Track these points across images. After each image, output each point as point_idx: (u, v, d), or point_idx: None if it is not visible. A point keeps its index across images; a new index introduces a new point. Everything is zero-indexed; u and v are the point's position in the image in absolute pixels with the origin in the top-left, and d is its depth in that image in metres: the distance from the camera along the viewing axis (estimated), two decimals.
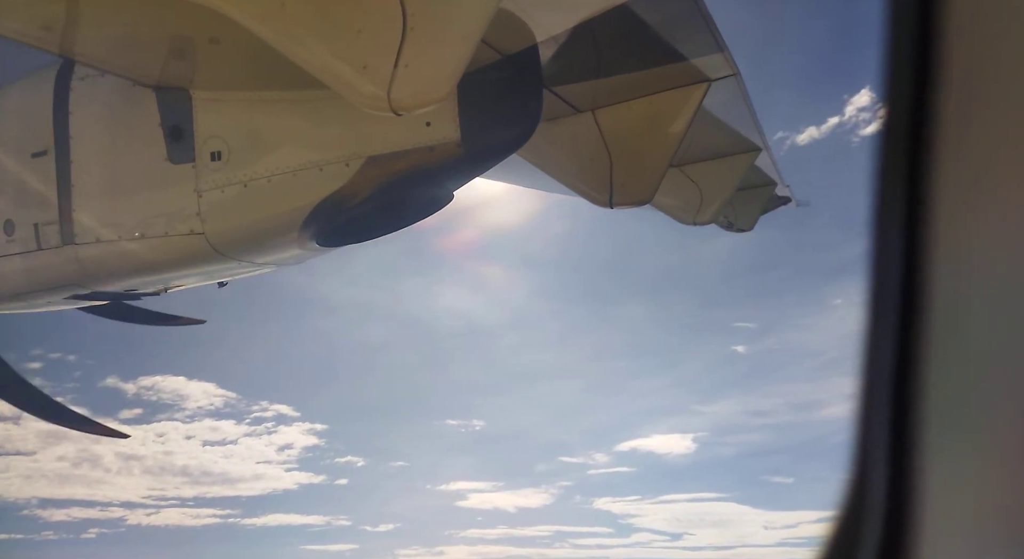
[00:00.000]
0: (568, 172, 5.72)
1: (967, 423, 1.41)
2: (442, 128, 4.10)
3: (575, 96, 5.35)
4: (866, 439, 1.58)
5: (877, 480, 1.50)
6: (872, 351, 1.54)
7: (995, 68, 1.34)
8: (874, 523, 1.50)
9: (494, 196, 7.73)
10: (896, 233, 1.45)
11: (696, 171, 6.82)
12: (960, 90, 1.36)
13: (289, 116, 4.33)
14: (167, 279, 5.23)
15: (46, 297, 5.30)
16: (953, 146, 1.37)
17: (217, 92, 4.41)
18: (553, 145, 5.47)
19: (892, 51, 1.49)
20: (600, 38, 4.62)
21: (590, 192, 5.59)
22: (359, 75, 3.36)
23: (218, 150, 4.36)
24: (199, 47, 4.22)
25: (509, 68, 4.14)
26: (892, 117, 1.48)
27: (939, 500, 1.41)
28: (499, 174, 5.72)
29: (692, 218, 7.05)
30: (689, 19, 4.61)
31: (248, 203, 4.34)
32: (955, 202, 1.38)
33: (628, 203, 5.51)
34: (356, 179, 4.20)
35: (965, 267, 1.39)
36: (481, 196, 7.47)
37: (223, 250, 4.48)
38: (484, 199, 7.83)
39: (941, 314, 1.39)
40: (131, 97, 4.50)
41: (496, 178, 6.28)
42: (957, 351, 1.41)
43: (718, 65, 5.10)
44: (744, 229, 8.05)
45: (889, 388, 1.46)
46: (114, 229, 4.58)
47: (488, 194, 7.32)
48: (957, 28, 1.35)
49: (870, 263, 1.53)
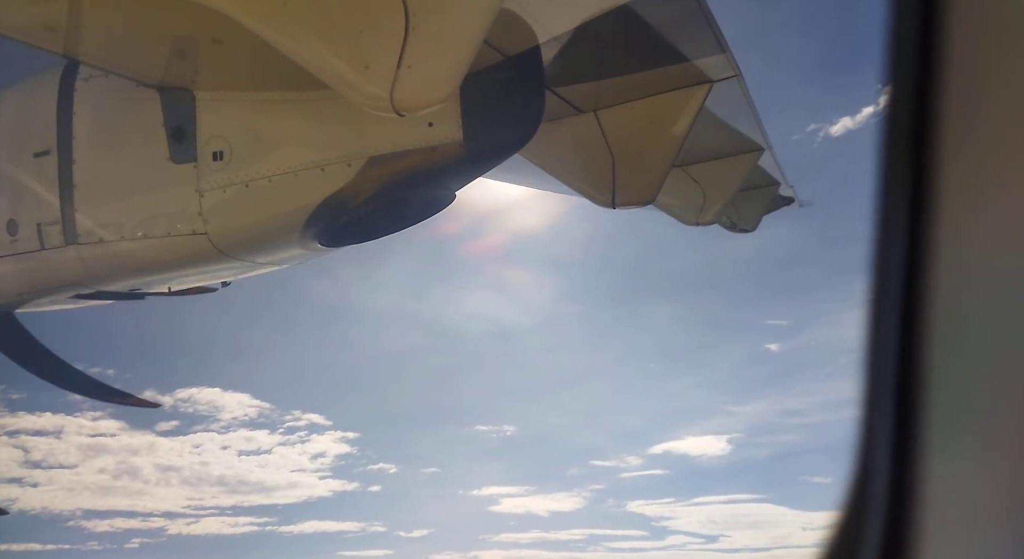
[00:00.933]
0: (570, 172, 5.72)
1: (970, 423, 1.41)
2: (444, 128, 4.10)
3: (577, 96, 5.35)
4: (868, 439, 1.58)
5: (879, 480, 1.50)
6: (875, 351, 1.54)
7: (998, 67, 1.34)
8: (876, 523, 1.50)
9: (517, 200, 7.73)
10: (898, 233, 1.44)
11: (699, 171, 6.82)
12: (963, 89, 1.36)
13: (291, 116, 4.33)
14: (170, 278, 5.24)
15: (49, 297, 5.32)
16: (956, 145, 1.37)
17: (220, 92, 4.41)
18: (555, 145, 5.47)
19: (894, 49, 1.49)
20: (602, 39, 4.62)
21: (592, 192, 5.59)
22: (361, 75, 3.36)
23: (220, 150, 4.36)
24: (202, 48, 4.23)
25: (511, 69, 4.15)
26: (895, 115, 1.48)
27: (941, 500, 1.40)
28: (501, 174, 5.73)
29: (695, 218, 7.05)
30: (691, 20, 4.61)
31: (250, 203, 4.35)
32: (958, 201, 1.38)
33: (630, 203, 5.51)
34: (358, 179, 4.20)
35: (968, 267, 1.39)
36: (504, 199, 7.47)
37: (225, 250, 4.49)
38: (507, 202, 7.83)
39: (944, 314, 1.39)
40: (134, 97, 4.52)
41: (498, 178, 6.29)
42: (960, 351, 1.41)
43: (720, 66, 5.09)
44: (747, 229, 8.04)
45: (891, 388, 1.46)
46: (117, 229, 4.59)
47: (511, 197, 7.32)
48: (960, 26, 1.35)
49: (872, 263, 1.53)
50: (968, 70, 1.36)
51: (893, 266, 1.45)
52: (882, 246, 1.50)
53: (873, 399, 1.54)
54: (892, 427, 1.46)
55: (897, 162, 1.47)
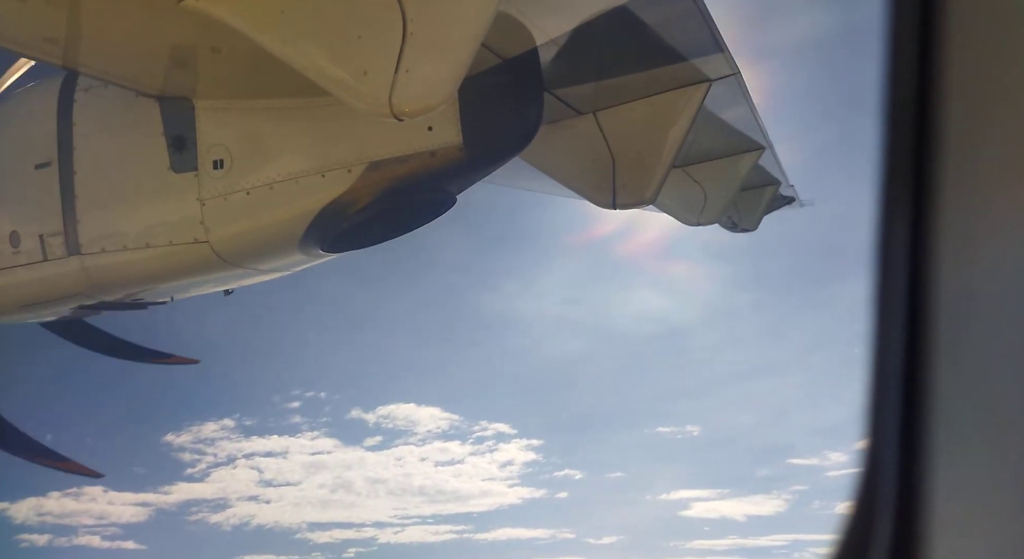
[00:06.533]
0: (570, 174, 5.72)
1: (977, 422, 1.40)
2: (444, 132, 4.11)
3: (576, 98, 5.35)
4: (876, 438, 1.57)
5: (888, 478, 1.49)
6: (881, 350, 1.54)
7: (1000, 65, 1.34)
8: (885, 521, 1.49)
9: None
10: (902, 231, 1.44)
11: (699, 171, 6.81)
12: (965, 88, 1.36)
13: (291, 123, 4.34)
14: (173, 288, 5.24)
15: (53, 308, 5.32)
16: (957, 144, 1.37)
17: (219, 101, 4.42)
18: (555, 148, 5.47)
19: (895, 48, 1.48)
20: (600, 40, 4.62)
21: (593, 194, 5.59)
22: (360, 81, 3.37)
23: (220, 158, 4.37)
24: (201, 56, 4.24)
25: (510, 72, 4.15)
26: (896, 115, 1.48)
27: (949, 498, 1.40)
28: (502, 177, 5.73)
29: (696, 218, 7.05)
30: (689, 19, 4.61)
31: (251, 211, 4.36)
32: (961, 200, 1.37)
33: (631, 204, 5.51)
34: (358, 185, 4.21)
35: (973, 266, 1.39)
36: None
37: (228, 258, 4.50)
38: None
39: (950, 312, 1.39)
40: (134, 107, 4.52)
41: (499, 181, 6.29)
42: (966, 350, 1.40)
43: (719, 65, 5.10)
44: (748, 229, 8.05)
45: (899, 387, 1.45)
46: (119, 239, 4.60)
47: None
48: (960, 25, 1.35)
49: (876, 263, 1.53)
50: (970, 68, 1.35)
51: (898, 265, 1.45)
52: (886, 245, 1.50)
53: (881, 397, 1.54)
54: (900, 425, 1.46)
55: (899, 161, 1.47)
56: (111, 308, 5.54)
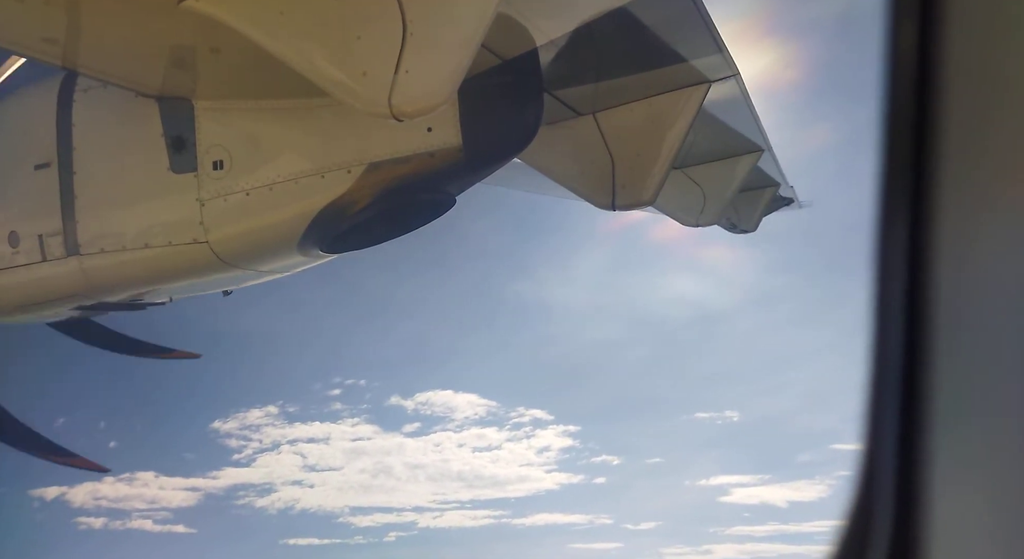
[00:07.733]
0: (570, 175, 5.72)
1: (976, 421, 1.40)
2: (443, 133, 4.11)
3: (576, 99, 5.36)
4: (875, 438, 1.57)
5: (886, 478, 1.49)
6: (880, 350, 1.54)
7: (1000, 65, 1.34)
8: (884, 521, 1.49)
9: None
10: (901, 232, 1.44)
11: (698, 173, 6.82)
12: (965, 87, 1.36)
13: (290, 124, 4.34)
14: (172, 288, 5.24)
15: (52, 308, 5.32)
16: (957, 144, 1.37)
17: (219, 101, 4.42)
18: (554, 149, 5.47)
19: (894, 49, 1.48)
20: (599, 41, 4.63)
21: (592, 195, 5.59)
22: (359, 81, 3.37)
23: (220, 159, 4.37)
24: (200, 57, 4.24)
25: (509, 72, 4.15)
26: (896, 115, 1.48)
27: (948, 498, 1.40)
28: (501, 178, 5.73)
29: (695, 220, 7.05)
30: (688, 20, 4.61)
31: (251, 211, 4.36)
32: (961, 200, 1.37)
33: (631, 205, 5.51)
34: (358, 186, 4.21)
35: (972, 266, 1.39)
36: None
37: (227, 258, 4.50)
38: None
39: (948, 312, 1.39)
40: (133, 108, 4.52)
41: (498, 183, 6.29)
42: (964, 350, 1.40)
43: (718, 66, 5.10)
44: (748, 230, 8.05)
45: (897, 386, 1.45)
46: (118, 239, 4.60)
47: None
48: (960, 25, 1.35)
49: (875, 263, 1.53)
50: (969, 69, 1.35)
51: (897, 265, 1.45)
52: (885, 246, 1.50)
53: (879, 397, 1.54)
54: (898, 425, 1.46)
55: (898, 162, 1.47)
56: (110, 309, 5.54)
